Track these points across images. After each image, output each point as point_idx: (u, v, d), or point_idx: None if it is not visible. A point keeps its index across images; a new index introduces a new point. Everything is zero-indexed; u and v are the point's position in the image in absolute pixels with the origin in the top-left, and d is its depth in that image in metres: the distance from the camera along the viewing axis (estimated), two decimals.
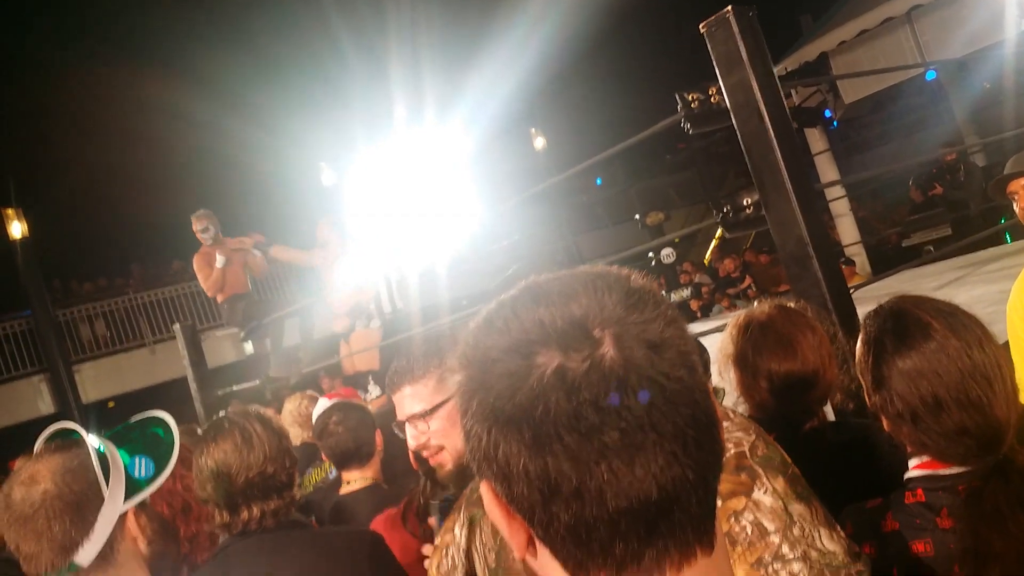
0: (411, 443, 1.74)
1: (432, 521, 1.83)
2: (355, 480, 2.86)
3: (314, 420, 3.10)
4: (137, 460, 1.50)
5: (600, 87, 17.59)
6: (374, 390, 6.13)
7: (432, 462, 1.75)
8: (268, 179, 15.28)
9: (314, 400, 3.91)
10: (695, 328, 4.25)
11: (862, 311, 2.55)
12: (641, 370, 0.60)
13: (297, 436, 3.95)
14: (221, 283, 7.38)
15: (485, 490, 0.67)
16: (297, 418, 3.91)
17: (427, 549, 1.71)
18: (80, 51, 14.15)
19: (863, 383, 1.42)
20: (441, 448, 1.71)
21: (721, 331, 2.03)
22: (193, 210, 7.45)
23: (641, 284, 0.67)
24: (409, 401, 1.73)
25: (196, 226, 7.34)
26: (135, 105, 14.42)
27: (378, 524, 2.47)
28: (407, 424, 1.74)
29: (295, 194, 15.16)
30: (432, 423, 1.71)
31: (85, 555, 1.36)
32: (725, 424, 1.28)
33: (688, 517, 0.62)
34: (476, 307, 6.45)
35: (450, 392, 1.70)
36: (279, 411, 4.27)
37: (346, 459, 2.86)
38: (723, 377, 1.93)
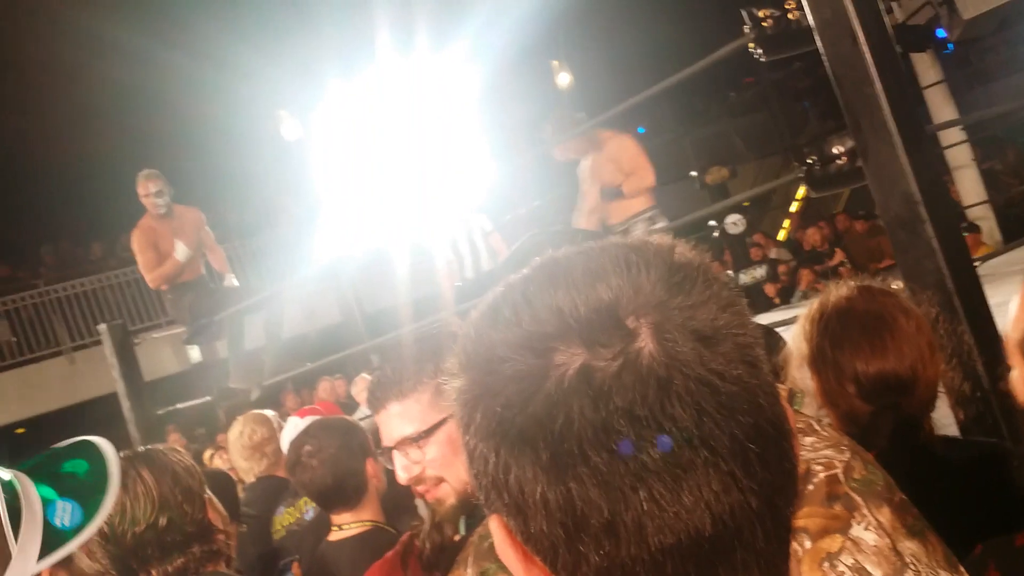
0: (401, 475, 1.73)
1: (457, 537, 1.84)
2: (348, 525, 2.80)
3: (284, 445, 3.12)
4: (60, 504, 1.49)
5: (640, 5, 17.42)
6: None
7: (428, 499, 1.74)
8: (214, 131, 15.28)
9: (264, 422, 3.94)
10: (772, 318, 4.24)
11: (991, 290, 2.53)
12: (688, 369, 0.60)
13: (248, 471, 3.98)
14: (175, 275, 7.19)
15: (496, 527, 0.67)
16: (242, 450, 3.92)
17: None
18: None
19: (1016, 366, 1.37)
20: (440, 481, 1.71)
21: None
22: (121, 175, 7.24)
23: (688, 258, 0.67)
24: (397, 422, 1.72)
25: (148, 188, 7.03)
26: (47, 37, 14.41)
27: (373, 573, 2.48)
28: (395, 452, 1.73)
29: (248, 149, 15.16)
30: (427, 449, 1.69)
31: None
32: (809, 439, 1.28)
33: (754, 556, 0.62)
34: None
35: (449, 408, 1.69)
36: None
37: (328, 500, 2.81)
38: (800, 380, 1.93)
